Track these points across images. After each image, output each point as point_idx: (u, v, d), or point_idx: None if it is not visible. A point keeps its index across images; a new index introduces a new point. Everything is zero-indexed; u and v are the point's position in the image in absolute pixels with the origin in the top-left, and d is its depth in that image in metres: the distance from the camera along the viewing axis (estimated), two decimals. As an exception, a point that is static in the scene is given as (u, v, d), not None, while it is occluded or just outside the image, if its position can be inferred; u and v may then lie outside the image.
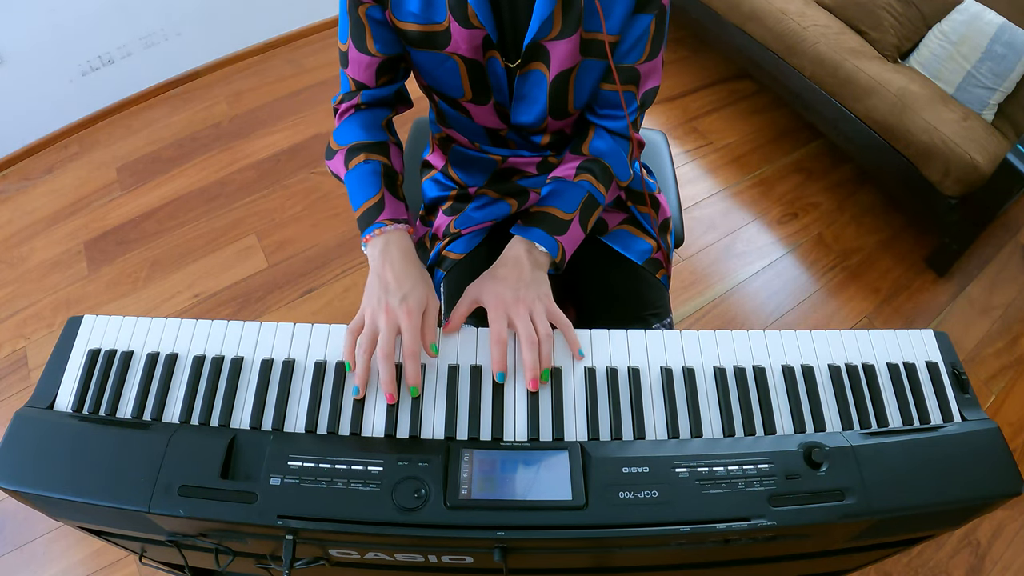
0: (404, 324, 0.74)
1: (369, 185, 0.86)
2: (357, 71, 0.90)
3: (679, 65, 2.68)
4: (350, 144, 0.90)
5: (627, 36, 0.86)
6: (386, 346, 0.73)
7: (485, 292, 0.82)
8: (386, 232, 0.82)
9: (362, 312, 0.77)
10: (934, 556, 1.52)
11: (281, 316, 1.86)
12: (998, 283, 2.06)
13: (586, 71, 0.88)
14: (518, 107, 0.92)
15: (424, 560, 0.70)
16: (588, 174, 0.91)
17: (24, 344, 1.83)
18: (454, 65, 0.86)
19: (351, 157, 0.89)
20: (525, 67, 0.86)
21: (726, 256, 2.07)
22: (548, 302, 0.81)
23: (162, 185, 2.19)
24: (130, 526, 0.71)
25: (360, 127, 0.91)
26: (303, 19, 2.66)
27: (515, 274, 0.83)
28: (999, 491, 0.69)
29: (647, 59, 0.88)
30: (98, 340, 0.77)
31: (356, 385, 0.73)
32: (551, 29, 0.82)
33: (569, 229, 0.88)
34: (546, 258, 0.87)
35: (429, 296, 0.79)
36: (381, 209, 0.84)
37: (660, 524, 0.63)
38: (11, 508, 1.52)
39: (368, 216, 0.84)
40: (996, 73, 1.94)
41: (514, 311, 0.78)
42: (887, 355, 0.80)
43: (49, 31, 2.09)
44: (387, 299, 0.76)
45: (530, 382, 0.74)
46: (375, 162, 0.88)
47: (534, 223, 0.88)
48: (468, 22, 0.81)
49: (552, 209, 0.89)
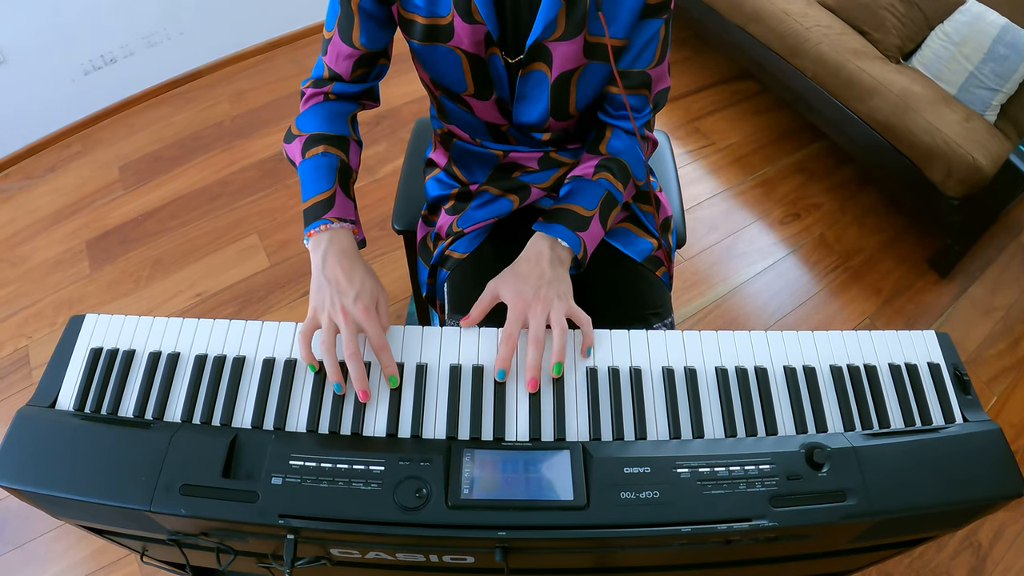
0: (364, 323, 0.74)
1: (323, 179, 0.85)
2: (335, 60, 0.90)
3: (681, 65, 2.68)
4: (311, 132, 0.89)
5: (636, 41, 0.86)
6: (351, 345, 0.73)
7: (506, 288, 0.82)
8: (331, 229, 0.82)
9: (313, 313, 0.77)
10: (935, 557, 1.51)
11: (283, 316, 1.86)
12: (1000, 284, 2.05)
13: (589, 74, 0.88)
14: (520, 106, 0.92)
15: (425, 560, 0.70)
16: (607, 172, 0.92)
17: (26, 343, 1.83)
18: (456, 59, 0.86)
19: (310, 146, 0.88)
20: (527, 67, 0.87)
21: (728, 256, 2.07)
22: (568, 301, 0.81)
23: (164, 184, 2.19)
24: (132, 525, 0.71)
25: (324, 117, 0.91)
26: (305, 19, 2.67)
27: (537, 271, 0.83)
28: (1000, 492, 0.69)
29: (657, 63, 0.89)
30: (100, 339, 0.77)
31: (336, 383, 0.73)
32: (554, 30, 0.82)
33: (590, 226, 0.88)
34: (568, 254, 0.86)
35: (379, 290, 0.79)
36: (330, 206, 0.83)
37: (661, 524, 0.63)
38: (13, 507, 1.52)
39: (316, 210, 0.83)
40: (998, 74, 1.93)
41: (532, 309, 0.78)
42: (889, 356, 0.80)
43: (51, 30, 2.10)
44: (341, 300, 0.76)
45: (529, 382, 0.74)
46: (333, 156, 0.87)
47: (555, 220, 0.88)
48: (471, 17, 0.81)
49: (573, 206, 0.89)
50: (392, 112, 2.40)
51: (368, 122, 2.35)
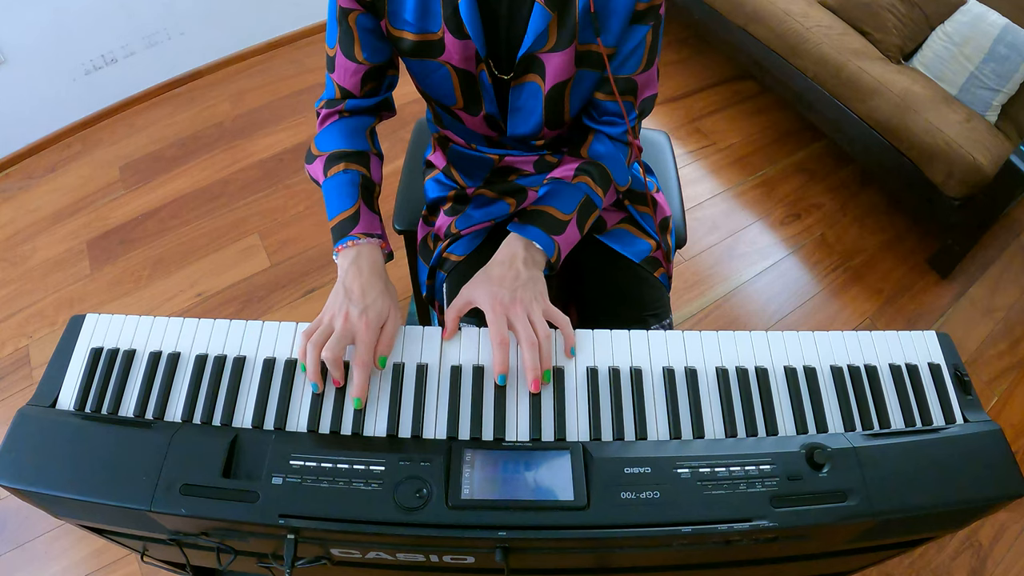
0: (360, 334, 0.74)
1: (346, 196, 0.86)
2: (343, 77, 0.90)
3: (682, 66, 2.68)
4: (331, 151, 0.90)
5: (623, 47, 0.86)
6: (335, 347, 0.72)
7: (480, 293, 0.81)
8: (358, 245, 0.82)
9: (320, 317, 0.77)
10: (936, 558, 1.51)
11: (283, 315, 1.86)
12: (1001, 284, 2.05)
13: (581, 82, 0.88)
14: (514, 119, 0.92)
15: (425, 560, 0.70)
16: (586, 176, 0.91)
17: (26, 343, 1.84)
18: (446, 73, 0.87)
19: (331, 165, 0.89)
20: (519, 79, 0.87)
21: (728, 257, 2.07)
22: (545, 302, 0.81)
23: (165, 184, 2.20)
24: (132, 525, 0.71)
25: (342, 135, 0.91)
26: (306, 19, 2.67)
27: (511, 274, 0.82)
28: (1001, 493, 0.69)
29: (644, 69, 0.89)
30: (100, 339, 0.77)
31: (313, 383, 0.73)
32: (546, 41, 0.82)
33: (566, 230, 0.88)
34: (542, 256, 0.86)
35: (391, 310, 0.79)
36: (356, 222, 0.84)
37: (662, 524, 0.63)
38: (13, 506, 1.52)
39: (342, 228, 0.84)
40: (999, 74, 1.93)
41: (512, 312, 0.78)
42: (889, 356, 0.80)
43: (52, 30, 2.10)
44: (348, 307, 0.76)
45: (531, 383, 0.74)
46: (354, 172, 0.88)
47: (531, 221, 0.88)
48: (462, 33, 0.81)
49: (550, 208, 0.89)
50: (392, 112, 2.40)
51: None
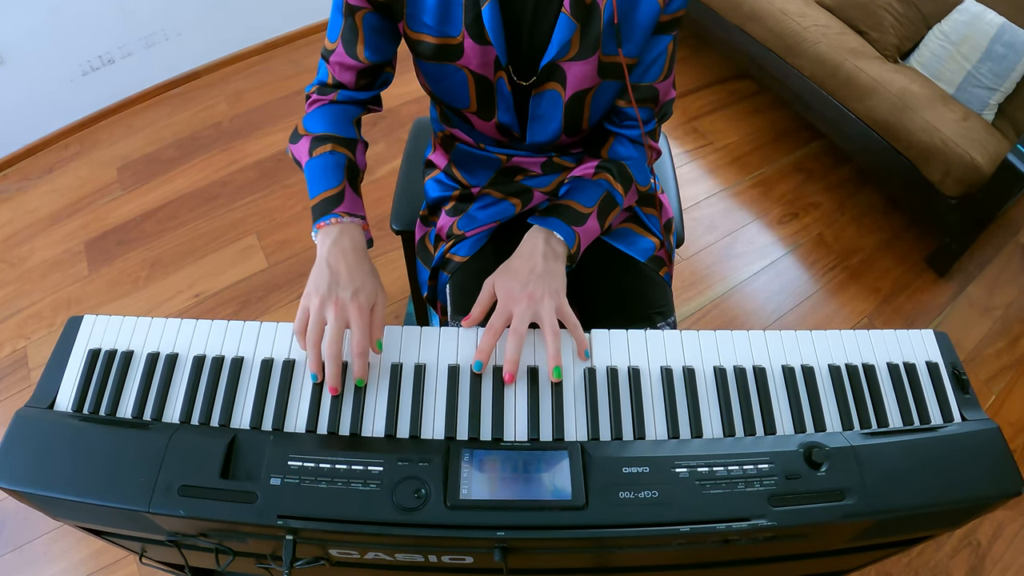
0: (354, 321, 0.73)
1: (332, 176, 0.85)
2: (339, 71, 0.90)
3: (680, 65, 2.68)
4: (319, 133, 0.89)
5: (645, 57, 0.86)
6: (334, 343, 0.72)
7: (497, 283, 0.82)
8: (341, 223, 0.81)
9: (306, 301, 0.75)
10: (934, 556, 1.51)
11: (281, 316, 1.86)
12: (998, 283, 2.06)
13: (603, 92, 0.88)
14: (534, 127, 0.92)
15: (424, 560, 0.70)
16: (607, 173, 0.92)
17: (24, 344, 1.83)
18: (463, 78, 0.86)
19: (317, 145, 0.88)
20: (540, 86, 0.86)
21: (726, 256, 2.07)
22: (559, 299, 0.80)
23: (162, 185, 2.19)
24: (130, 526, 0.71)
25: (331, 119, 0.90)
26: (303, 19, 2.66)
27: (528, 266, 0.83)
28: (999, 491, 0.69)
29: (665, 77, 0.89)
30: (98, 340, 0.77)
31: (313, 373, 0.73)
32: (569, 50, 0.82)
33: (587, 222, 0.88)
34: (563, 248, 0.86)
35: (379, 292, 0.78)
36: (340, 201, 0.83)
37: (660, 524, 0.63)
38: (11, 508, 1.52)
39: (325, 206, 0.83)
40: (996, 73, 1.93)
41: (516, 303, 0.78)
42: (887, 355, 0.80)
43: (50, 31, 2.09)
44: (337, 292, 0.75)
45: (505, 375, 0.73)
46: (340, 154, 0.87)
47: (552, 214, 0.88)
48: (482, 39, 0.81)
49: (571, 202, 0.89)
50: (390, 112, 2.40)
51: (366, 122, 2.35)
